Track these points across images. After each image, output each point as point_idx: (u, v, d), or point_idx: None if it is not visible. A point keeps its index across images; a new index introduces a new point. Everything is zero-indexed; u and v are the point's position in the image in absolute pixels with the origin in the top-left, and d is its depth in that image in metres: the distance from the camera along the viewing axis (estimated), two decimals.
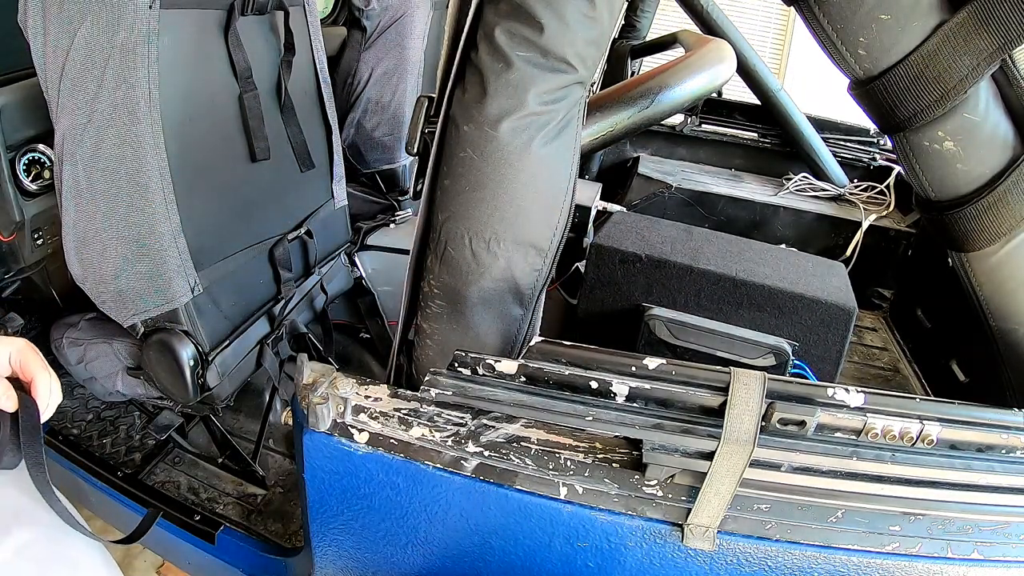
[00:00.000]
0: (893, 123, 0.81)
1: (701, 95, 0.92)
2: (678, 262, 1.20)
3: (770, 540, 0.71)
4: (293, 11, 1.50)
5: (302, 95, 1.60)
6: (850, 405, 0.70)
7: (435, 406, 0.78)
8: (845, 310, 1.14)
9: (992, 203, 0.81)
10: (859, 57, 0.78)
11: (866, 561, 0.70)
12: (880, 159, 2.11)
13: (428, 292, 0.83)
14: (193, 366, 1.29)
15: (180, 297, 1.25)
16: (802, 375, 1.14)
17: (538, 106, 0.74)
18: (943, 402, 0.72)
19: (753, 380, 0.69)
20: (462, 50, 0.77)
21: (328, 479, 0.80)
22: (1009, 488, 0.71)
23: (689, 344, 1.13)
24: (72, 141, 1.13)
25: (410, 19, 2.19)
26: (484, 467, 0.74)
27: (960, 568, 0.70)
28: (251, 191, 1.46)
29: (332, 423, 0.78)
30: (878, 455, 0.72)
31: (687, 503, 0.72)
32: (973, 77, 0.74)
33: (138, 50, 1.10)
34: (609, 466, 0.74)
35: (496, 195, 0.77)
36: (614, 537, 0.73)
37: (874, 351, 1.63)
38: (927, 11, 0.74)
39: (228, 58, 1.33)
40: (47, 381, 0.72)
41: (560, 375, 0.73)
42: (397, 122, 2.27)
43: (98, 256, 1.21)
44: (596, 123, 0.88)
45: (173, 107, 1.19)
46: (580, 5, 0.72)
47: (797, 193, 2.04)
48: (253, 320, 1.48)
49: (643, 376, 0.72)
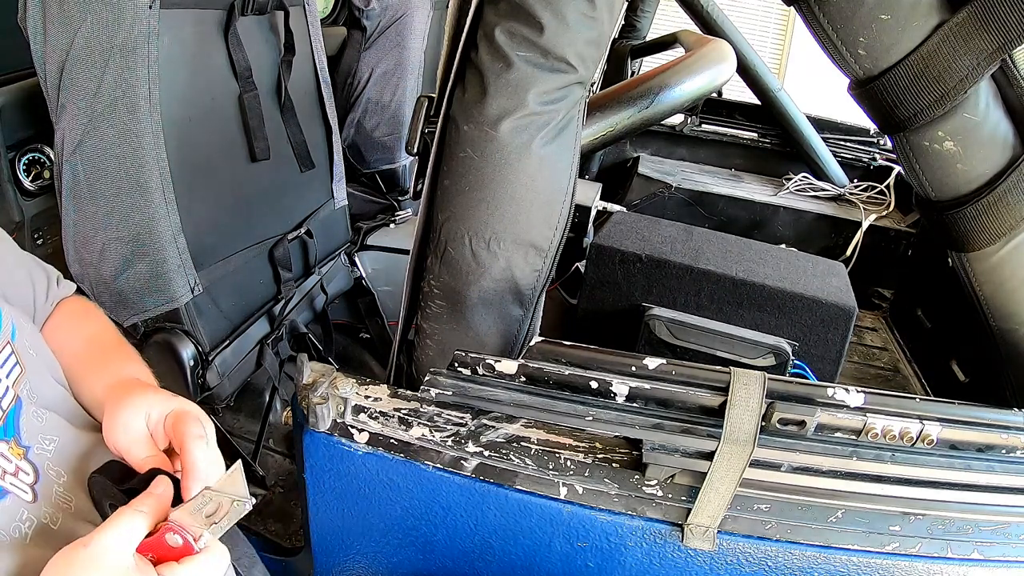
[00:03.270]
0: (893, 123, 0.81)
1: (701, 95, 0.92)
2: (678, 262, 1.20)
3: (770, 540, 0.71)
4: (293, 11, 1.50)
5: (302, 95, 1.60)
6: (850, 405, 0.70)
7: (435, 406, 0.78)
8: (845, 310, 1.14)
9: (992, 203, 0.81)
10: (859, 57, 0.78)
11: (866, 561, 0.70)
12: (880, 159, 2.11)
13: (428, 292, 0.83)
14: (193, 366, 1.29)
15: (180, 297, 1.25)
16: (802, 375, 1.14)
17: (538, 106, 0.74)
18: (943, 402, 0.72)
19: (753, 380, 0.69)
20: (462, 50, 0.77)
21: (328, 479, 0.80)
22: (1009, 488, 0.71)
23: (689, 344, 1.13)
24: (72, 141, 1.13)
25: (410, 19, 2.19)
26: (484, 467, 0.74)
27: (960, 568, 0.70)
28: (251, 191, 1.46)
29: (332, 423, 0.78)
30: (878, 455, 0.72)
31: (687, 503, 0.72)
32: (973, 77, 0.74)
33: (138, 50, 1.10)
34: (609, 466, 0.74)
35: (496, 195, 0.77)
36: (614, 537, 0.73)
37: (874, 351, 1.63)
38: (927, 11, 0.74)
39: (228, 58, 1.33)
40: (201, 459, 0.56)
41: (560, 375, 0.73)
42: (397, 122, 2.27)
43: (98, 256, 1.21)
44: (596, 123, 0.88)
45: (173, 107, 1.19)
46: (580, 5, 0.72)
47: (797, 193, 2.04)
48: (253, 320, 1.48)
49: (643, 376, 0.72)
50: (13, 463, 0.56)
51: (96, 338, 0.73)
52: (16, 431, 0.57)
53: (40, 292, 0.71)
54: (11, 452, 0.56)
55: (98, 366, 0.68)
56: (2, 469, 0.54)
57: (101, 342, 0.72)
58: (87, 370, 0.68)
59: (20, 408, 0.58)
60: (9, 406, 0.57)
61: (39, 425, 0.59)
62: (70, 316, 0.73)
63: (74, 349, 0.69)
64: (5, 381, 0.57)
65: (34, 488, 0.56)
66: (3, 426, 0.56)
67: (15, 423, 0.57)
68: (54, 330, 0.71)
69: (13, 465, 0.56)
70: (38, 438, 0.59)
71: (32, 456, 0.58)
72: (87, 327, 0.73)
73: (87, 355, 0.70)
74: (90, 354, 0.70)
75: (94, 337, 0.72)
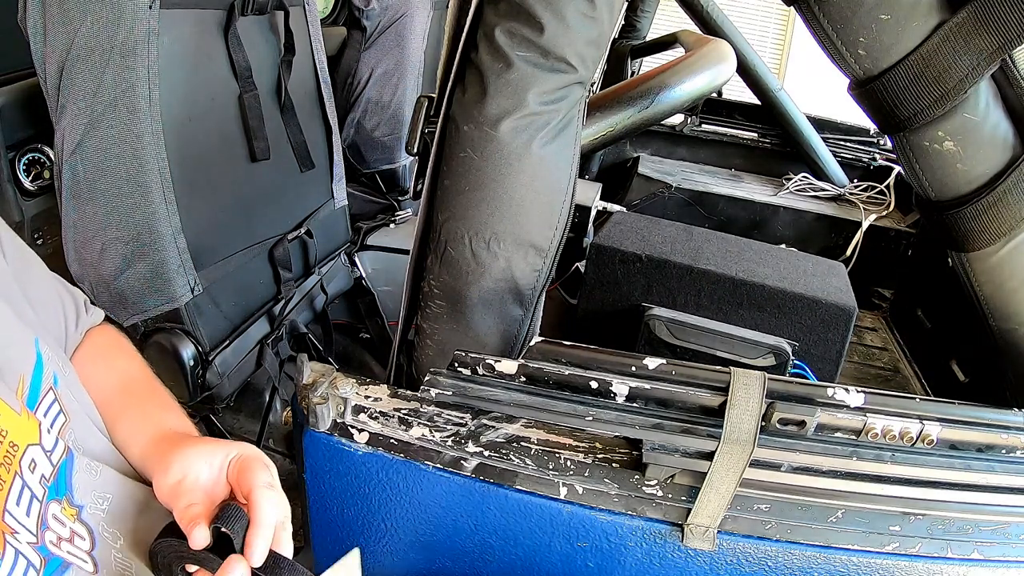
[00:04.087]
0: (893, 123, 0.81)
1: (701, 95, 0.92)
2: (678, 262, 1.20)
3: (770, 540, 0.71)
4: (293, 11, 1.50)
5: (302, 95, 1.60)
6: (850, 405, 0.70)
7: (435, 406, 0.78)
8: (845, 310, 1.14)
9: (992, 203, 0.81)
10: (859, 57, 0.78)
11: (866, 561, 0.70)
12: (880, 159, 2.11)
13: (428, 292, 0.83)
14: (193, 366, 1.29)
15: (180, 297, 1.25)
16: (802, 375, 1.14)
17: (538, 106, 0.74)
18: (943, 402, 0.72)
19: (753, 380, 0.69)
20: (462, 50, 0.77)
21: (328, 479, 0.80)
22: (1009, 488, 0.71)
23: (689, 344, 1.13)
24: (72, 141, 1.13)
25: (410, 19, 2.19)
26: (484, 467, 0.74)
27: (960, 568, 0.70)
28: (251, 191, 1.46)
29: (332, 423, 0.78)
30: (878, 455, 0.72)
31: (687, 503, 0.72)
32: (973, 77, 0.74)
33: (138, 50, 1.10)
34: (609, 466, 0.74)
35: (496, 195, 0.77)
36: (614, 537, 0.73)
37: (874, 351, 1.62)
38: (927, 11, 0.74)
39: (228, 58, 1.33)
40: (269, 509, 0.51)
41: (560, 375, 0.73)
42: (397, 122, 2.27)
43: (98, 256, 1.21)
44: (596, 123, 0.88)
45: (173, 107, 1.19)
46: (580, 5, 0.72)
47: (797, 193, 2.04)
48: (253, 320, 1.48)
49: (643, 376, 0.72)
50: (68, 527, 0.49)
51: (130, 380, 0.67)
52: (68, 488, 0.51)
53: (71, 321, 0.66)
54: (64, 513, 0.50)
55: (135, 413, 0.63)
56: (57, 535, 0.48)
57: (136, 384, 0.67)
58: (122, 415, 0.62)
59: (72, 462, 0.52)
60: (60, 460, 0.50)
61: (93, 480, 0.53)
62: (102, 351, 0.68)
63: (106, 389, 0.64)
64: (54, 431, 0.50)
65: (92, 556, 0.51)
66: (54, 483, 0.49)
67: (67, 479, 0.51)
68: (83, 364, 0.65)
69: (68, 529, 0.49)
70: (92, 495, 0.53)
71: (85, 516, 0.52)
72: (119, 365, 0.68)
73: (122, 399, 0.64)
74: (125, 398, 0.64)
75: (128, 378, 0.67)
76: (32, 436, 0.47)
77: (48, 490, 0.48)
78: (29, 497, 0.46)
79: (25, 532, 0.45)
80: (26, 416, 0.48)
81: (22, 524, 0.45)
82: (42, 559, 0.46)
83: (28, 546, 0.45)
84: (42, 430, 0.49)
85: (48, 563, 0.46)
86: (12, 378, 0.48)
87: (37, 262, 0.62)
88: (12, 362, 0.48)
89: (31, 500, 0.46)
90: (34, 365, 0.50)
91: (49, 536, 0.47)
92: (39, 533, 0.46)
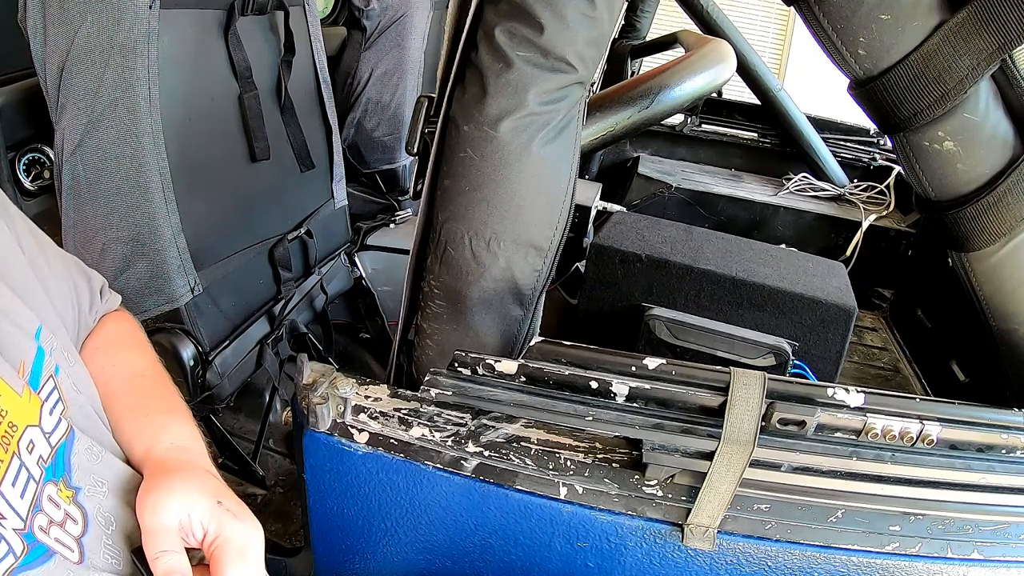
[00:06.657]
0: (893, 123, 0.81)
1: (701, 95, 0.92)
2: (678, 262, 1.20)
3: (770, 540, 0.71)
4: (293, 11, 1.50)
5: (302, 95, 1.60)
6: (850, 405, 0.70)
7: (435, 406, 0.78)
8: (845, 310, 1.14)
9: (992, 203, 0.81)
10: (859, 57, 0.78)
11: (866, 561, 0.70)
12: (880, 159, 2.11)
13: (428, 292, 0.83)
14: (193, 366, 1.29)
15: (180, 297, 1.25)
16: (802, 375, 1.14)
17: (538, 106, 0.74)
18: (943, 402, 0.72)
19: (753, 380, 0.69)
20: (462, 50, 0.77)
21: (328, 479, 0.80)
22: (1009, 488, 0.71)
23: (689, 344, 1.13)
24: (72, 141, 1.13)
25: (410, 19, 2.19)
26: (484, 467, 0.74)
27: (960, 568, 0.70)
28: (251, 191, 1.46)
29: (332, 423, 0.78)
30: (878, 455, 0.72)
31: (687, 503, 0.72)
32: (973, 77, 0.74)
33: (138, 50, 1.10)
34: (609, 466, 0.74)
35: (496, 195, 0.77)
36: (614, 537, 0.73)
37: (874, 351, 1.63)
38: (927, 11, 0.74)
39: (228, 58, 1.33)
40: None
41: (560, 375, 0.73)
42: (397, 122, 2.27)
43: (98, 256, 1.20)
44: (596, 123, 0.88)
45: (173, 107, 1.19)
46: (580, 5, 0.72)
47: (797, 193, 2.04)
48: (253, 320, 1.48)
49: (643, 376, 0.72)
50: (62, 509, 0.48)
51: (140, 377, 0.65)
52: (66, 468, 0.49)
53: (84, 307, 0.64)
54: (60, 495, 0.48)
55: (141, 416, 0.61)
56: (48, 518, 0.46)
57: (143, 381, 0.65)
58: (124, 416, 0.61)
59: (72, 442, 0.50)
60: (59, 441, 0.49)
61: (92, 464, 0.52)
62: (113, 341, 0.66)
63: (112, 382, 0.62)
64: (56, 413, 0.50)
65: (80, 542, 0.49)
66: (52, 464, 0.48)
67: (65, 459, 0.49)
68: (93, 352, 0.64)
69: (61, 512, 0.48)
70: (90, 479, 0.51)
71: (81, 499, 0.50)
72: (129, 358, 0.66)
73: (127, 397, 0.62)
74: (130, 397, 0.62)
75: (136, 373, 0.65)
76: (32, 417, 0.47)
77: (45, 471, 0.47)
78: (26, 478, 0.46)
79: (14, 517, 0.44)
80: (27, 396, 0.47)
81: (12, 508, 0.44)
82: (25, 546, 0.45)
83: (13, 532, 0.44)
84: (43, 411, 0.48)
85: (30, 551, 0.45)
86: (15, 362, 0.47)
87: (51, 246, 0.62)
88: (13, 349, 0.48)
89: (27, 481, 0.46)
90: (34, 356, 0.50)
91: (40, 520, 0.46)
92: (29, 517, 0.45)
